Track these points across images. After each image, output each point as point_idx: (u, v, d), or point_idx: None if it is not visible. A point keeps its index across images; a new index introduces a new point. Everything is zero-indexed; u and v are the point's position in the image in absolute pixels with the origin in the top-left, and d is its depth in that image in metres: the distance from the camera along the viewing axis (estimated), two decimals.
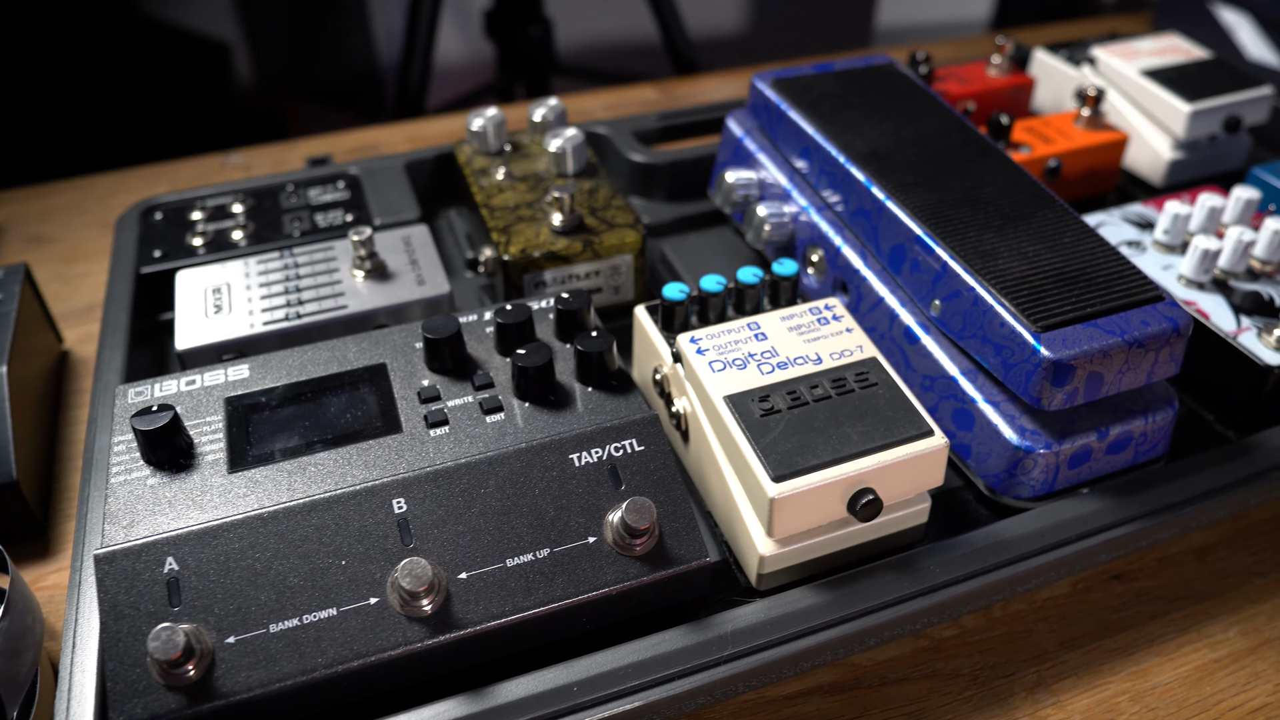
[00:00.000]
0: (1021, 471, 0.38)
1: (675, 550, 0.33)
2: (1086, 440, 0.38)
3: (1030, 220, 0.41)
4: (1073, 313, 0.37)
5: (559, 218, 0.47)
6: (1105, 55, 0.63)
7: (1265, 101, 0.60)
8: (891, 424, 0.35)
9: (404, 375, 0.38)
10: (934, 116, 0.48)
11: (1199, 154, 0.61)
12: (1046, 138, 0.58)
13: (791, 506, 0.33)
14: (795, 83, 0.51)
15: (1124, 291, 0.38)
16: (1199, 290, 0.45)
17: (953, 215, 0.41)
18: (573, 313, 0.39)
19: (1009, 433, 0.38)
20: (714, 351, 0.38)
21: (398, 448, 0.35)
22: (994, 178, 0.44)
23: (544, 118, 0.55)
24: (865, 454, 0.34)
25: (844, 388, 0.36)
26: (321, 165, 0.59)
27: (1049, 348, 0.35)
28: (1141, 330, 0.36)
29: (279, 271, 0.46)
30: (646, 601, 0.33)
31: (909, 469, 0.34)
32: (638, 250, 0.48)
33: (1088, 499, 0.38)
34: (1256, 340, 0.43)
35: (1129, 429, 0.38)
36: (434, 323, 0.38)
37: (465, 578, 0.32)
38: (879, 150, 0.46)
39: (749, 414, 0.35)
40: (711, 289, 0.40)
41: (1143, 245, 0.49)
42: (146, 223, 0.52)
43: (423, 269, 0.46)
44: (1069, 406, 0.37)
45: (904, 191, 0.43)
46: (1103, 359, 0.36)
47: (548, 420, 0.36)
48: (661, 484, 0.34)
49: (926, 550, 0.35)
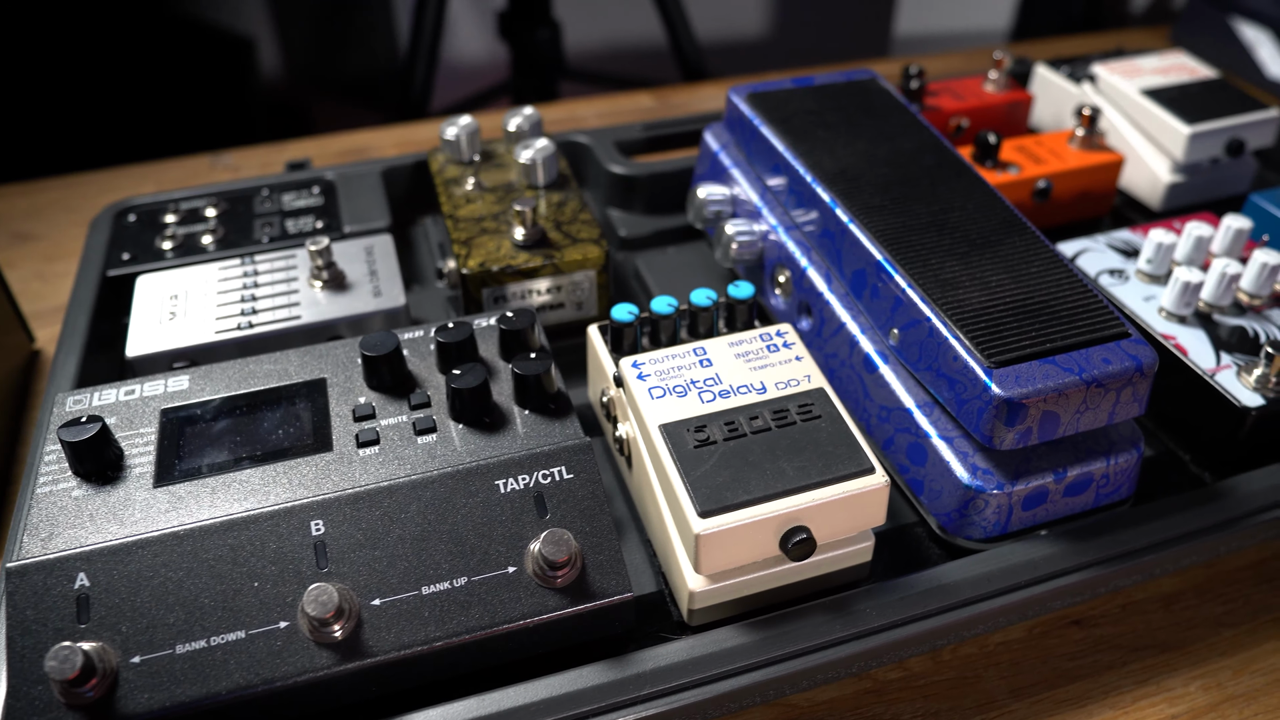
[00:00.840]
0: (973, 511, 0.36)
1: (598, 583, 0.32)
2: (1042, 481, 0.36)
3: (997, 248, 0.40)
4: (1030, 348, 0.35)
5: (521, 232, 0.47)
6: (1106, 73, 0.61)
7: (1271, 124, 0.57)
8: (831, 460, 0.33)
9: (342, 392, 0.37)
10: (910, 135, 0.47)
11: (1200, 178, 0.58)
12: (1037, 158, 0.56)
13: (718, 543, 0.32)
14: (770, 97, 0.50)
15: (1087, 326, 0.36)
16: (1179, 324, 0.44)
17: (916, 241, 0.40)
18: (516, 332, 0.38)
19: (960, 471, 0.36)
20: (655, 377, 0.37)
21: (325, 467, 0.34)
22: (965, 202, 0.42)
23: (519, 127, 0.55)
24: (799, 491, 0.32)
25: (785, 420, 0.35)
26: (300, 169, 0.59)
27: (1001, 385, 0.34)
28: (1102, 369, 0.35)
29: (238, 279, 0.46)
30: (567, 635, 0.32)
31: (846, 507, 0.33)
32: (600, 266, 0.47)
33: (1042, 542, 0.36)
34: (1235, 379, 0.41)
35: (1089, 471, 0.37)
36: (373, 339, 0.37)
37: (379, 604, 0.31)
38: (848, 170, 0.44)
39: (683, 444, 0.34)
40: (662, 311, 0.39)
41: (1126, 274, 0.47)
42: (119, 224, 0.53)
43: (381, 280, 0.46)
44: (1022, 447, 0.35)
45: (868, 214, 0.42)
46: (1058, 398, 0.34)
47: (480, 443, 0.35)
48: (588, 514, 0.33)
49: (865, 591, 0.34)
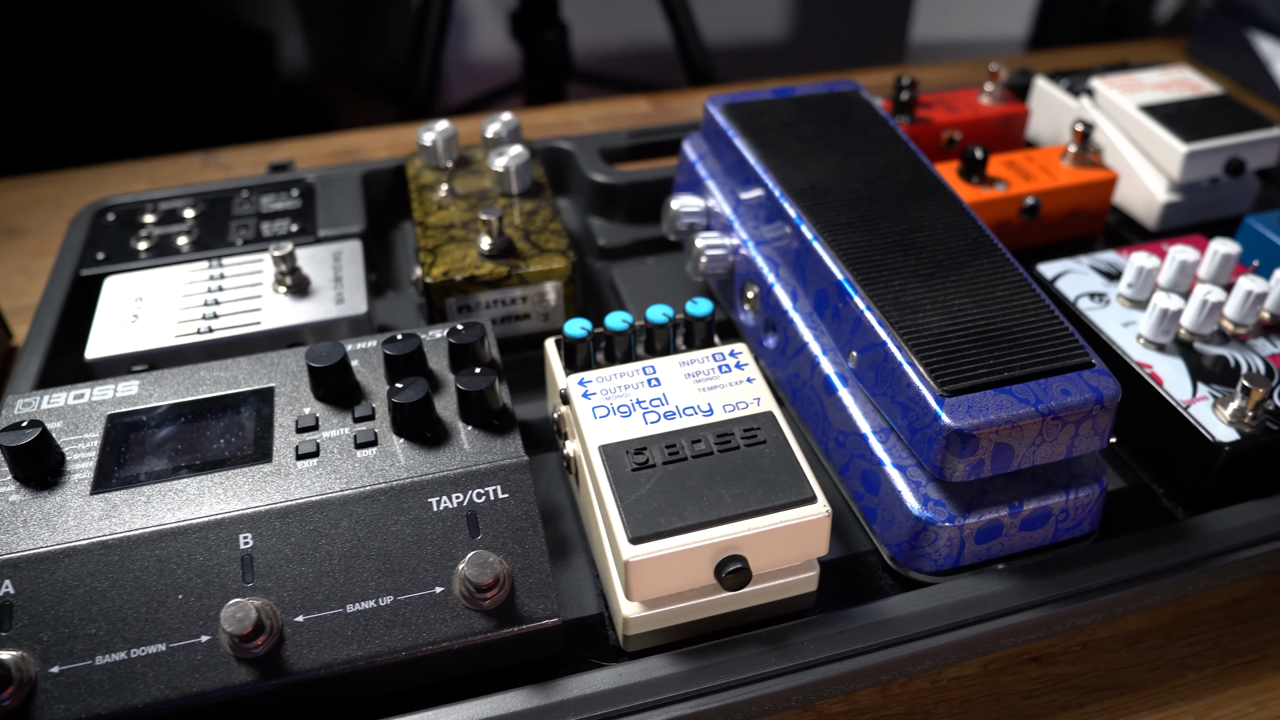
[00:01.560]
0: (924, 543, 0.35)
1: (526, 607, 0.31)
2: (996, 515, 0.35)
3: (964, 270, 0.39)
4: (987, 377, 0.34)
5: (487, 241, 0.46)
6: (1104, 87, 0.59)
7: (1274, 143, 0.55)
8: (772, 487, 0.32)
9: (289, 401, 0.37)
10: (886, 151, 0.46)
11: (1198, 197, 0.56)
12: (1027, 174, 0.54)
13: (649, 570, 0.31)
14: (746, 108, 0.49)
15: (1049, 355, 0.35)
16: (1158, 352, 0.42)
17: (880, 261, 0.39)
18: (464, 346, 0.38)
19: (911, 501, 0.35)
20: (601, 396, 0.36)
21: (262, 479, 0.34)
22: (934, 221, 0.41)
23: (496, 134, 0.54)
24: (736, 519, 0.32)
25: (728, 444, 0.34)
26: (282, 171, 0.59)
27: (952, 415, 0.33)
28: (1060, 400, 0.33)
29: (203, 282, 0.46)
30: (494, 658, 0.32)
31: (786, 537, 0.32)
32: (566, 278, 0.47)
33: (995, 577, 0.35)
34: (1211, 412, 0.39)
35: (1046, 505, 0.35)
36: (319, 350, 0.37)
37: (302, 621, 0.31)
38: (817, 185, 0.43)
39: (621, 467, 0.33)
40: (616, 327, 0.39)
41: (1106, 298, 0.45)
42: (98, 223, 0.53)
43: (345, 287, 0.46)
44: (974, 479, 0.34)
45: (833, 231, 0.41)
46: (1011, 430, 0.33)
47: (420, 459, 0.35)
48: (520, 535, 0.33)
49: (805, 623, 0.33)
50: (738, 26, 1.44)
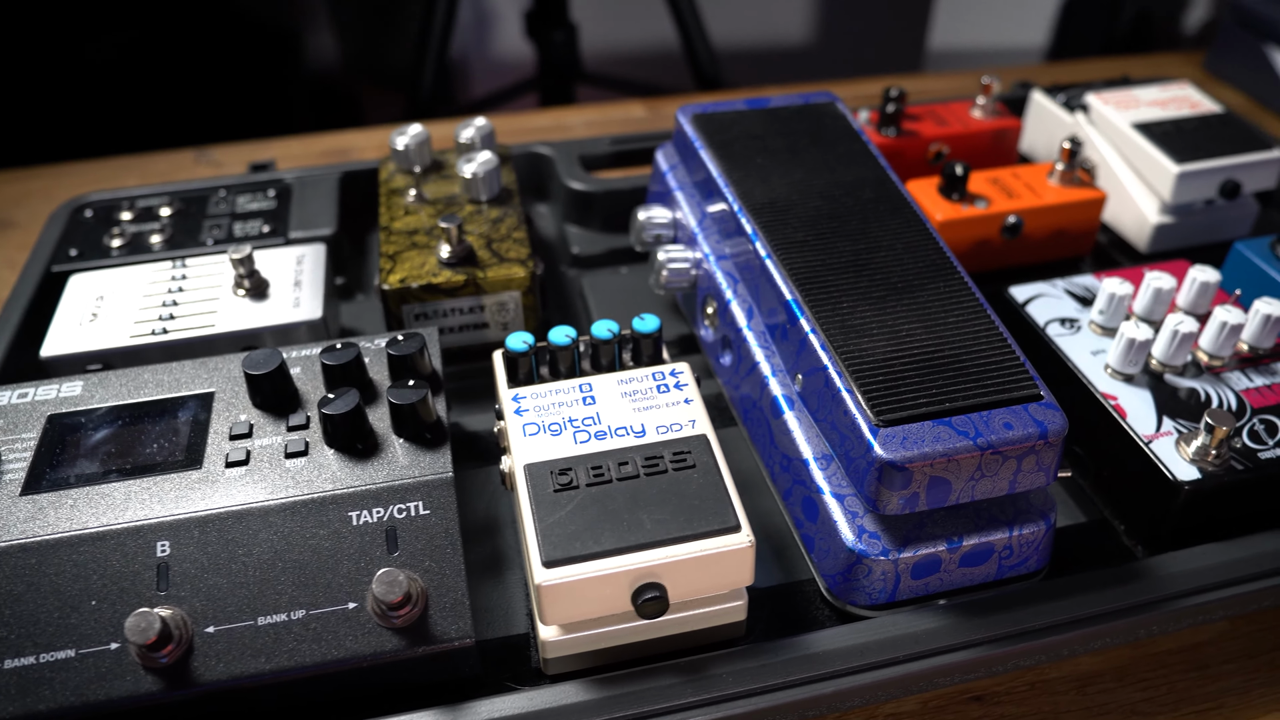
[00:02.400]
0: (858, 576, 0.34)
1: (439, 627, 0.31)
2: (934, 550, 0.34)
3: (918, 294, 0.37)
4: (927, 407, 0.33)
5: (446, 249, 0.46)
6: (1099, 103, 0.57)
7: (1273, 165, 0.53)
8: (696, 514, 0.32)
9: (227, 407, 0.37)
10: (854, 166, 0.45)
11: (1192, 220, 0.54)
12: (1011, 192, 0.53)
13: (562, 595, 0.30)
14: (716, 119, 0.48)
15: (996, 386, 0.34)
16: (1125, 383, 0.40)
17: (833, 281, 0.38)
18: (403, 357, 0.37)
19: (846, 532, 0.34)
20: (534, 412, 0.35)
21: (188, 486, 0.34)
22: (894, 241, 0.40)
23: (470, 139, 0.54)
24: (654, 546, 0.31)
25: (656, 468, 0.33)
26: (262, 170, 0.59)
27: (884, 446, 0.32)
28: (1000, 434, 0.32)
29: (165, 283, 0.46)
30: (405, 676, 0.31)
31: (706, 566, 0.31)
32: (525, 288, 0.46)
33: (932, 614, 0.34)
34: (1173, 448, 0.37)
35: (988, 541, 0.34)
36: (257, 356, 0.37)
37: (213, 632, 0.30)
38: (778, 200, 0.42)
39: (543, 487, 0.32)
40: (559, 342, 0.38)
41: (1078, 325, 0.44)
42: (75, 220, 0.53)
43: (303, 291, 0.46)
44: (909, 512, 0.33)
45: (788, 249, 0.40)
46: (947, 464, 0.32)
47: (346, 471, 0.34)
48: (439, 553, 0.32)
49: (728, 654, 0.32)
50: (756, 30, 1.42)
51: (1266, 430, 0.38)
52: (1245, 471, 0.37)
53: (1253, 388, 0.40)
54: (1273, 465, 0.37)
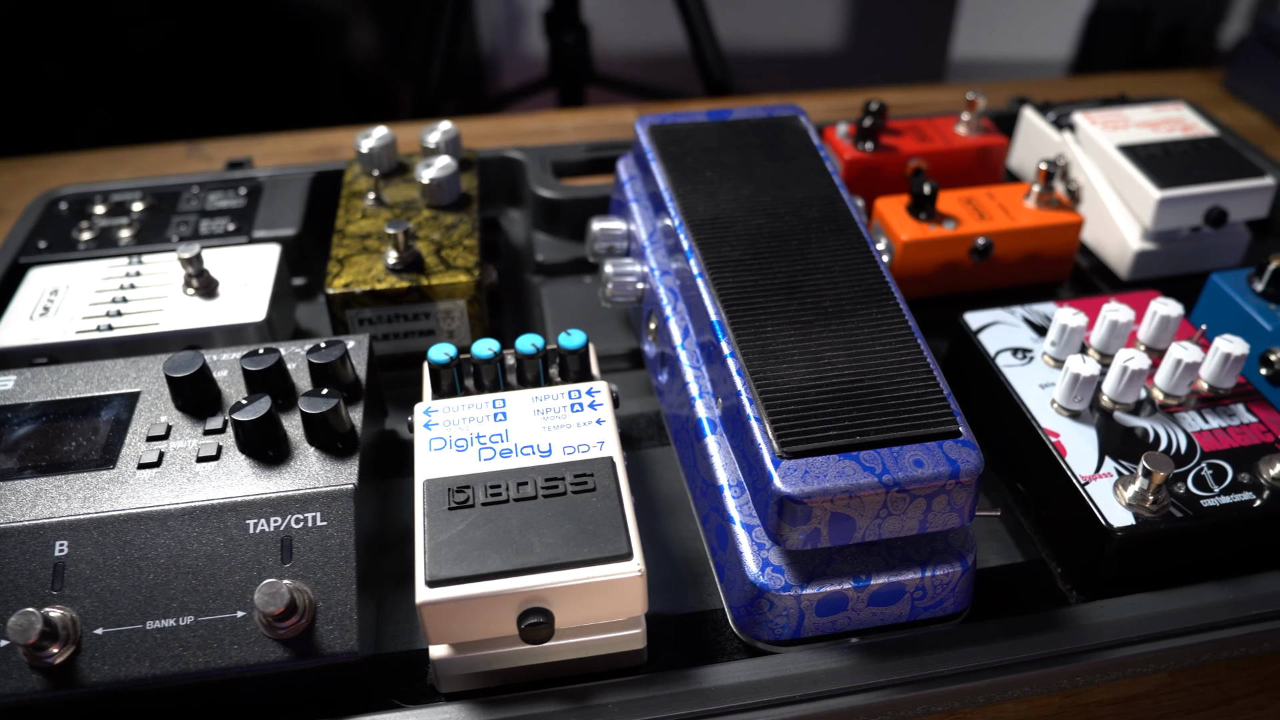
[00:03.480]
0: (761, 610, 0.33)
1: (325, 640, 0.31)
2: (839, 587, 0.32)
3: (848, 319, 0.36)
4: (836, 440, 0.32)
5: (393, 255, 0.46)
6: (1086, 123, 0.55)
7: (1264, 194, 0.51)
8: (588, 539, 0.31)
9: (151, 408, 0.37)
10: (805, 183, 0.43)
11: (1177, 248, 0.52)
12: (983, 212, 0.51)
13: (444, 615, 0.30)
14: (672, 131, 0.47)
15: (913, 421, 0.32)
16: (1070, 419, 0.39)
17: (761, 303, 0.37)
18: (323, 365, 0.37)
19: (750, 565, 0.33)
20: (444, 426, 0.35)
21: (98, 486, 0.34)
22: (832, 263, 0.39)
23: (437, 144, 0.54)
24: (541, 570, 0.30)
25: (555, 489, 0.32)
26: (238, 168, 0.60)
27: (784, 479, 0.31)
28: (908, 472, 0.31)
29: (119, 279, 0.47)
30: (288, 688, 0.31)
31: (595, 593, 0.31)
32: (470, 297, 0.46)
33: (833, 654, 0.32)
34: (1110, 491, 0.36)
35: (899, 581, 0.33)
36: (179, 359, 0.37)
37: (101, 634, 0.31)
38: (720, 217, 0.41)
39: (439, 504, 0.32)
40: (481, 355, 0.38)
41: (1031, 356, 0.42)
42: (49, 212, 0.54)
43: (251, 293, 0.46)
44: (812, 548, 0.32)
45: (721, 268, 0.39)
46: (849, 500, 0.31)
47: (252, 478, 0.34)
48: (332, 565, 0.32)
49: (618, 684, 0.31)
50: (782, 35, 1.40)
51: (1215, 476, 0.36)
52: (1184, 520, 0.35)
53: (1207, 430, 0.38)
54: (1215, 514, 0.35)
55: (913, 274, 0.51)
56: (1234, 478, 0.36)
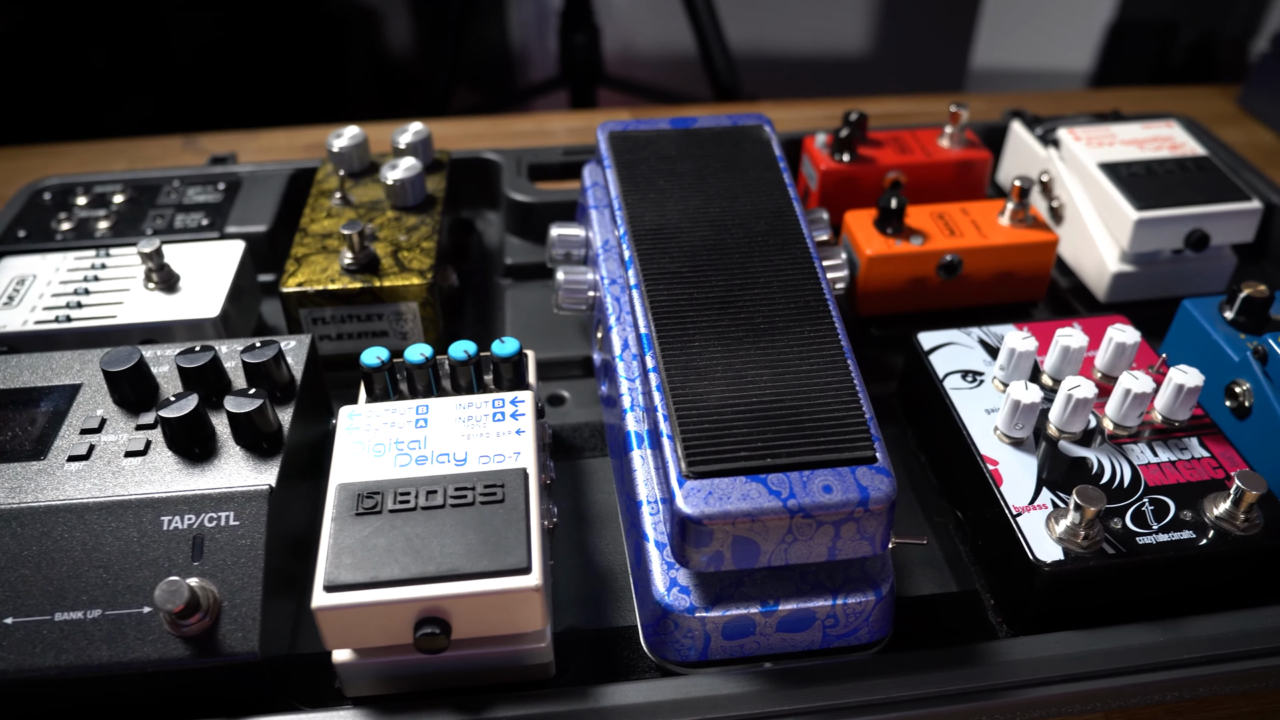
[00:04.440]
0: (668, 630, 0.33)
1: (227, 639, 0.31)
2: (746, 612, 0.32)
3: (780, 337, 0.36)
4: (745, 462, 0.31)
5: (348, 255, 0.46)
6: (1070, 138, 0.54)
7: (1249, 218, 0.49)
8: (488, 551, 0.31)
9: (90, 401, 0.38)
10: (758, 196, 0.43)
11: (1157, 270, 0.50)
12: (954, 229, 0.50)
13: (340, 620, 0.30)
14: (631, 138, 0.46)
15: (828, 444, 0.32)
16: (1013, 447, 0.38)
17: (693, 318, 0.36)
18: (256, 365, 0.38)
19: (658, 584, 0.33)
20: (365, 430, 0.35)
21: (25, 477, 0.35)
22: (772, 278, 0.38)
23: (407, 144, 0.54)
24: (438, 580, 0.30)
25: (463, 499, 0.32)
26: (220, 163, 0.61)
27: (687, 499, 0.30)
28: (816, 498, 0.30)
29: (84, 271, 0.48)
30: (190, 687, 0.31)
31: (491, 605, 0.30)
32: (422, 300, 0.46)
33: (733, 679, 0.32)
34: (1043, 524, 0.35)
35: (809, 608, 0.32)
36: (116, 354, 0.37)
37: (10, 623, 0.31)
38: (665, 227, 0.41)
39: (347, 509, 0.32)
40: (414, 360, 0.38)
41: (982, 379, 0.41)
42: (33, 202, 0.56)
43: (210, 289, 0.46)
44: (716, 570, 0.31)
45: (658, 280, 0.38)
46: (752, 524, 0.30)
47: (175, 475, 0.35)
48: (241, 565, 0.32)
49: (510, 696, 0.31)
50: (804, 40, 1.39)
51: (1156, 512, 0.35)
52: (1116, 557, 0.33)
53: (1155, 463, 0.37)
54: (1150, 553, 0.34)
55: (879, 289, 0.50)
56: (1176, 515, 0.35)
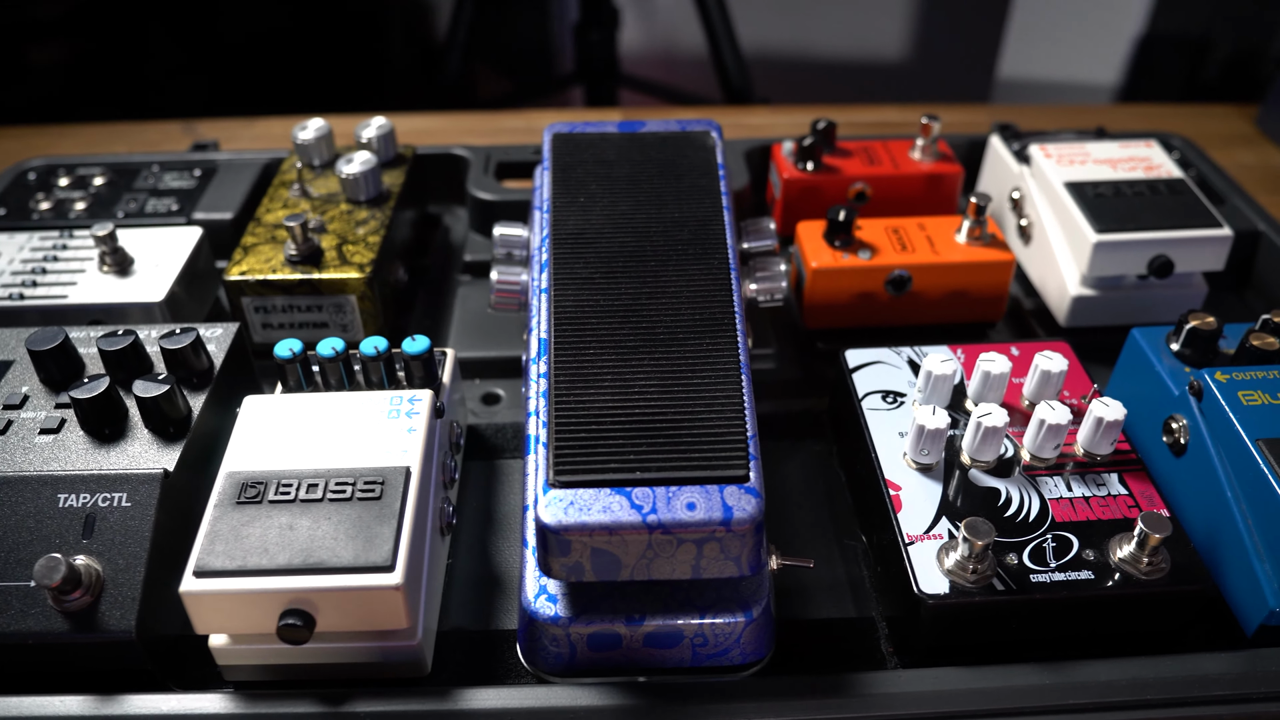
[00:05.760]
0: (536, 637, 0.32)
1: (106, 617, 0.32)
2: (611, 625, 0.32)
3: (678, 349, 0.35)
4: (614, 473, 0.31)
5: (291, 247, 0.47)
6: (1040, 155, 0.52)
7: (1218, 245, 0.46)
8: (356, 546, 0.31)
9: (17, 378, 0.39)
10: (688, 203, 0.42)
11: (1121, 296, 0.48)
12: (907, 244, 0.49)
13: (207, 605, 0.31)
14: (575, 140, 0.46)
15: (702, 461, 0.31)
16: (920, 473, 0.36)
17: (593, 325, 0.36)
18: (173, 351, 0.38)
19: (528, 590, 0.32)
20: (265, 421, 0.36)
21: None
22: (683, 288, 0.38)
23: (370, 139, 0.54)
24: (303, 572, 0.31)
25: (342, 494, 0.33)
26: (201, 150, 0.62)
27: (547, 508, 0.30)
28: (677, 515, 0.30)
29: (45, 250, 0.49)
30: (69, 660, 0.32)
31: (353, 601, 0.31)
32: (360, 293, 0.46)
33: (595, 690, 0.31)
34: (934, 555, 0.33)
35: (676, 625, 0.32)
36: (42, 333, 0.39)
37: None
38: (586, 232, 0.41)
39: (230, 497, 0.33)
40: (324, 354, 0.38)
41: (902, 401, 0.40)
42: (18, 182, 0.58)
43: (158, 273, 0.48)
44: (579, 581, 0.31)
45: (568, 285, 0.38)
46: (610, 538, 0.30)
47: (80, 454, 0.36)
48: (128, 546, 0.33)
49: (372, 692, 0.31)
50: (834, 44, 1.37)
51: (1057, 550, 0.34)
52: (1005, 594, 0.32)
53: (1067, 498, 0.35)
54: (1042, 591, 0.32)
55: (825, 303, 0.49)
56: (1078, 554, 0.33)
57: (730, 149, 0.61)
